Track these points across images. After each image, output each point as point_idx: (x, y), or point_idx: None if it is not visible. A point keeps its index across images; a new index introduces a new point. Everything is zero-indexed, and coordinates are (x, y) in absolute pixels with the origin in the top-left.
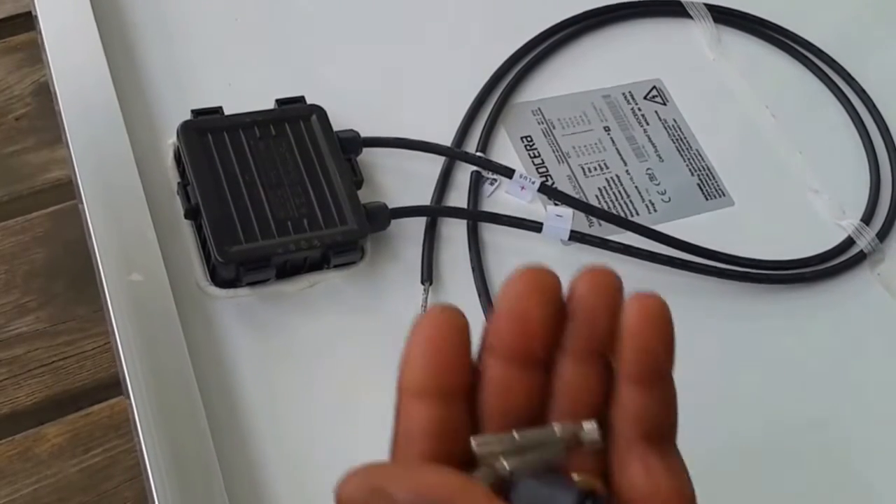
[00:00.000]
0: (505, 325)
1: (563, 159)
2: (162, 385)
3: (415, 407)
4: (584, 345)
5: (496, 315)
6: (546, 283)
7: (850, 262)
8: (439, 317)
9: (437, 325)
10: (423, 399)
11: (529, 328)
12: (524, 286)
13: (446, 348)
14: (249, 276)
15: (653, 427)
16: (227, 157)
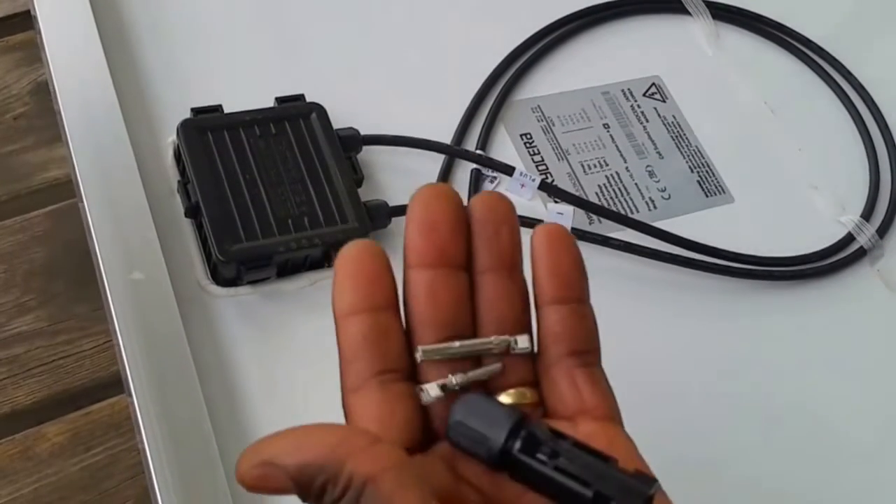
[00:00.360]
0: (417, 236)
1: (563, 156)
2: (164, 384)
3: (349, 324)
4: (493, 259)
5: (408, 230)
6: (446, 193)
7: (850, 259)
8: (357, 246)
9: (356, 252)
10: (355, 316)
11: (439, 232)
12: (427, 197)
13: (367, 269)
14: (250, 274)
15: (576, 345)
16: (227, 155)
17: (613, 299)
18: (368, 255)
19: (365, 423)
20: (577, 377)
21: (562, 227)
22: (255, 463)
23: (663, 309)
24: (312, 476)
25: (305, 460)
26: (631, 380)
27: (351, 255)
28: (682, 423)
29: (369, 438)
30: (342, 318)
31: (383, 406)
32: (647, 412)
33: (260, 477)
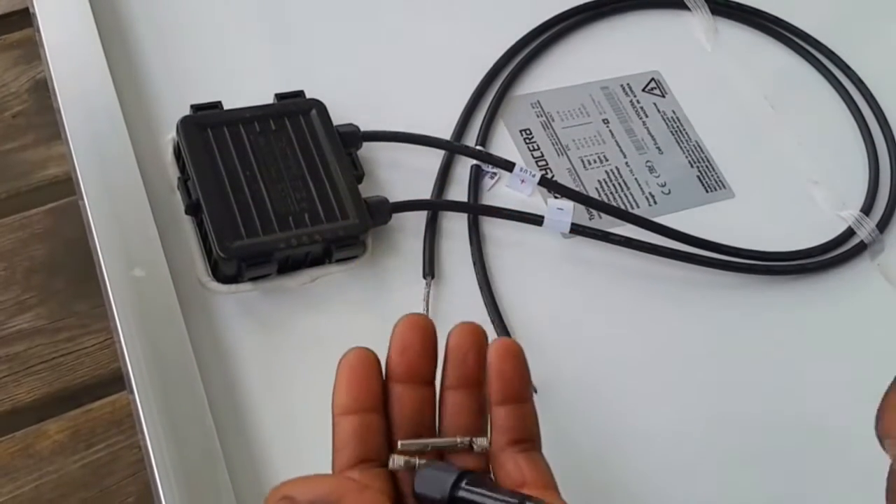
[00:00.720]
0: (394, 357)
1: (563, 152)
2: (165, 380)
3: (343, 422)
4: (458, 379)
5: (389, 351)
6: (422, 324)
7: (851, 253)
8: (355, 355)
9: (353, 362)
10: (347, 415)
11: (411, 357)
12: (406, 327)
13: (359, 376)
14: (251, 271)
15: (518, 436)
16: (227, 151)
17: (613, 295)
18: (362, 363)
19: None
20: (518, 460)
21: (513, 342)
22: (278, 498)
23: (663, 304)
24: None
25: (315, 496)
26: (631, 374)
27: (348, 362)
28: (681, 418)
29: (361, 486)
30: (337, 415)
31: (368, 478)
32: (647, 406)
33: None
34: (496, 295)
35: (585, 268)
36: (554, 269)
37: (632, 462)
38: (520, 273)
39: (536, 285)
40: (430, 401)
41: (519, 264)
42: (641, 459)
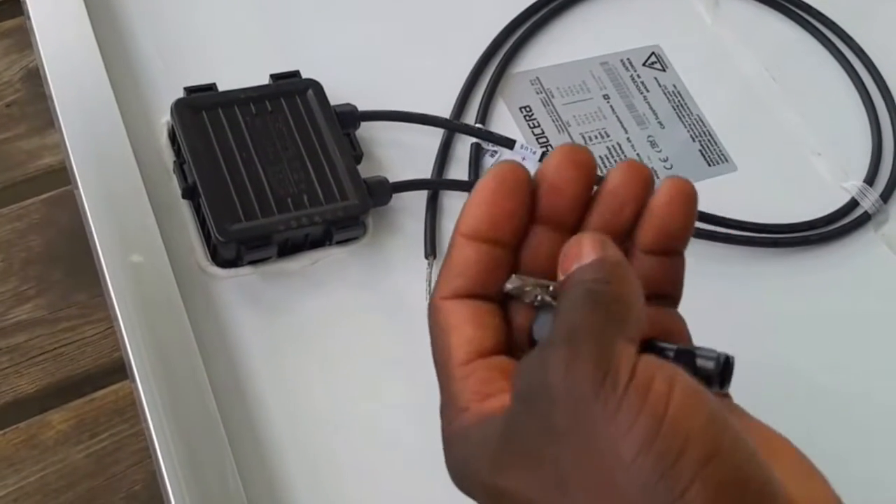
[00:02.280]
0: (545, 197)
1: (564, 128)
2: (167, 367)
3: (465, 247)
4: (603, 225)
5: (538, 179)
6: (582, 158)
7: (855, 224)
8: (505, 171)
9: (500, 180)
10: (472, 241)
11: (564, 202)
12: (564, 162)
13: (501, 202)
14: (251, 254)
15: (662, 291)
16: (222, 134)
17: None
18: (511, 185)
19: (464, 326)
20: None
21: (689, 183)
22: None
23: None
24: None
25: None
26: None
27: (496, 177)
28: None
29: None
30: (463, 236)
31: (480, 315)
32: None
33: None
34: None
35: None
36: None
37: None
38: None
39: None
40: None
41: None
42: None
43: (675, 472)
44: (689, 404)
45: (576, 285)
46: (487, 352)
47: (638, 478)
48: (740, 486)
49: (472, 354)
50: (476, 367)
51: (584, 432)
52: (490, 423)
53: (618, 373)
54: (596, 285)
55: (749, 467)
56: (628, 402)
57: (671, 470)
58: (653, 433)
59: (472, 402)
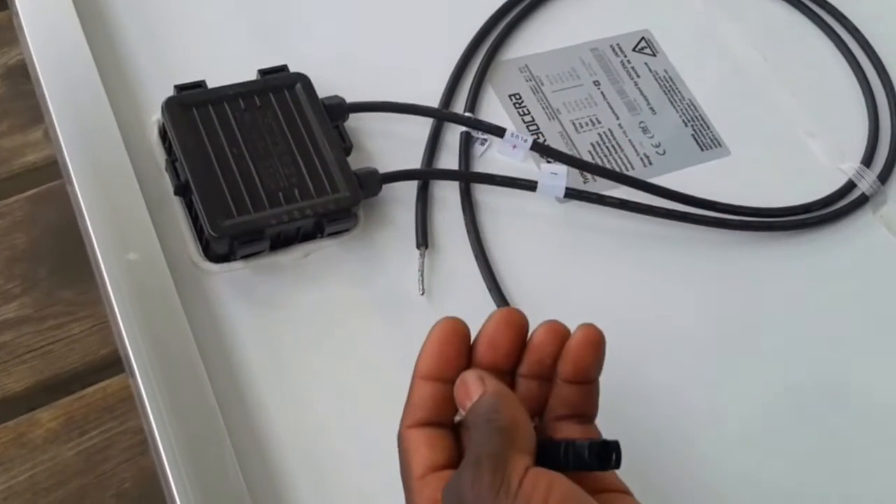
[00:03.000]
0: (482, 350)
1: (554, 116)
2: (166, 362)
3: (421, 386)
4: (532, 373)
5: (477, 340)
6: (516, 321)
7: (852, 206)
8: (448, 324)
9: (446, 330)
10: (427, 381)
11: (499, 355)
12: (499, 322)
13: (449, 349)
14: (243, 249)
15: (579, 411)
16: (213, 130)
17: (611, 258)
18: (453, 336)
19: (420, 448)
20: (576, 432)
21: (595, 331)
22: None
23: (662, 265)
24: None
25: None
26: (631, 336)
27: (440, 331)
28: (682, 377)
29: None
30: (419, 378)
31: (434, 439)
32: (648, 367)
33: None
34: (492, 263)
35: (581, 232)
36: (550, 234)
37: (634, 423)
38: (515, 240)
39: (532, 252)
40: (508, 386)
41: (514, 231)
42: (644, 420)
43: None
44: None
45: (476, 419)
46: (440, 467)
47: None
48: None
49: (427, 469)
50: (430, 479)
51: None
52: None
53: (510, 483)
54: (490, 415)
55: None
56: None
57: None
58: None
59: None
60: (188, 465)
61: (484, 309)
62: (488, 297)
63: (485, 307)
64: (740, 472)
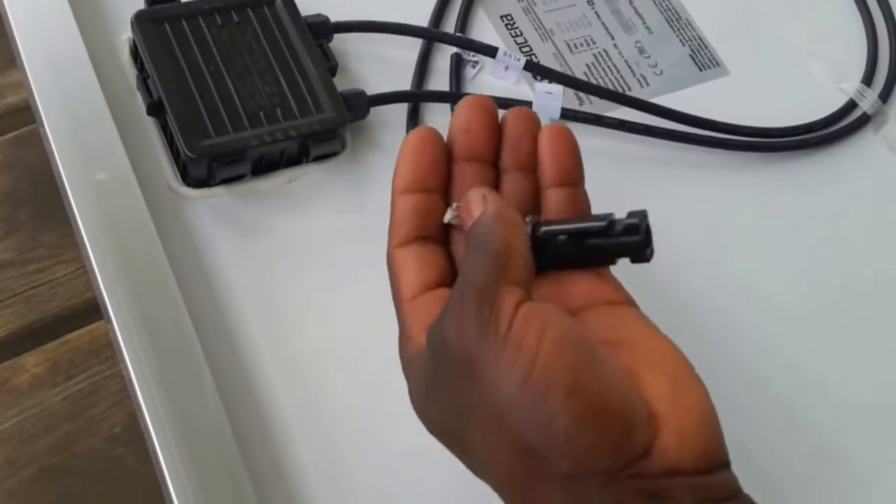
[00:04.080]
0: (458, 135)
1: (547, 36)
2: (139, 290)
3: (402, 200)
4: (513, 162)
5: (451, 132)
6: (485, 104)
7: (854, 126)
8: (418, 134)
9: (417, 139)
10: (406, 195)
11: (475, 135)
12: (469, 106)
13: (423, 157)
14: (223, 171)
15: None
16: (187, 47)
17: (610, 181)
18: (426, 141)
19: (409, 267)
20: None
21: (563, 127)
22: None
23: (662, 187)
24: None
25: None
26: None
27: (411, 140)
28: (682, 300)
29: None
30: (398, 193)
31: (423, 256)
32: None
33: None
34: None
35: None
36: None
37: None
38: None
39: None
40: (493, 181)
41: None
42: None
43: (544, 405)
44: (554, 351)
45: (471, 238)
46: (432, 285)
47: (517, 411)
48: (597, 410)
49: (417, 289)
50: (422, 300)
51: (475, 375)
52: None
53: (497, 324)
54: (482, 238)
55: (608, 393)
56: (506, 352)
57: (541, 404)
58: (525, 377)
59: (418, 333)
60: (166, 404)
61: None
62: None
63: None
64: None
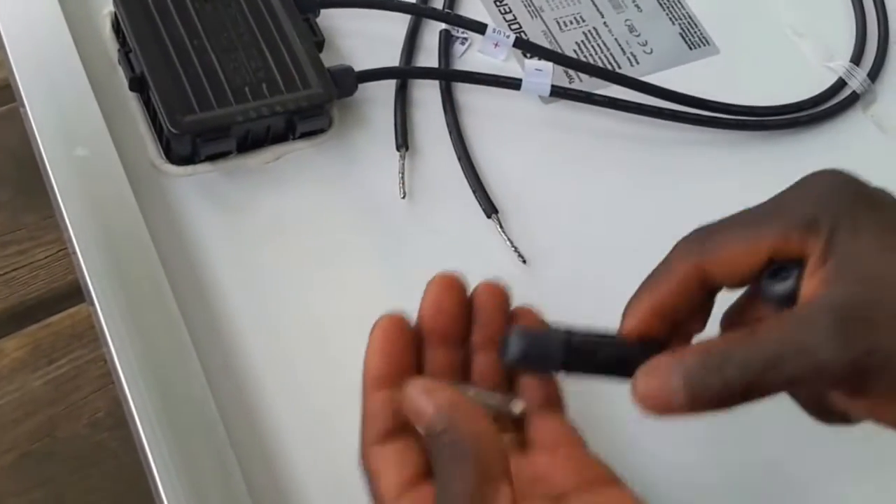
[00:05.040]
0: (428, 321)
1: (537, 14)
2: (122, 268)
3: (374, 396)
4: (485, 339)
5: (421, 311)
6: (454, 283)
7: (843, 105)
8: (388, 321)
9: (386, 328)
10: (377, 390)
11: (445, 320)
12: (438, 288)
13: (394, 348)
14: (207, 147)
15: (546, 400)
16: (170, 20)
17: (599, 159)
18: (397, 331)
19: (387, 467)
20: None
21: (530, 309)
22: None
23: (652, 165)
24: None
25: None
26: (621, 238)
27: (381, 329)
28: None
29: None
30: (371, 387)
31: (399, 452)
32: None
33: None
34: (476, 165)
35: (568, 133)
36: (535, 135)
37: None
38: (499, 141)
39: (517, 153)
40: (464, 362)
41: (498, 132)
42: None
43: None
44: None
45: (434, 444)
46: (413, 482)
47: None
48: None
49: (400, 489)
50: (405, 501)
51: None
52: None
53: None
54: (448, 439)
55: None
56: None
57: None
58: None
59: None
60: (151, 388)
61: (469, 213)
62: (472, 200)
63: (470, 210)
64: None
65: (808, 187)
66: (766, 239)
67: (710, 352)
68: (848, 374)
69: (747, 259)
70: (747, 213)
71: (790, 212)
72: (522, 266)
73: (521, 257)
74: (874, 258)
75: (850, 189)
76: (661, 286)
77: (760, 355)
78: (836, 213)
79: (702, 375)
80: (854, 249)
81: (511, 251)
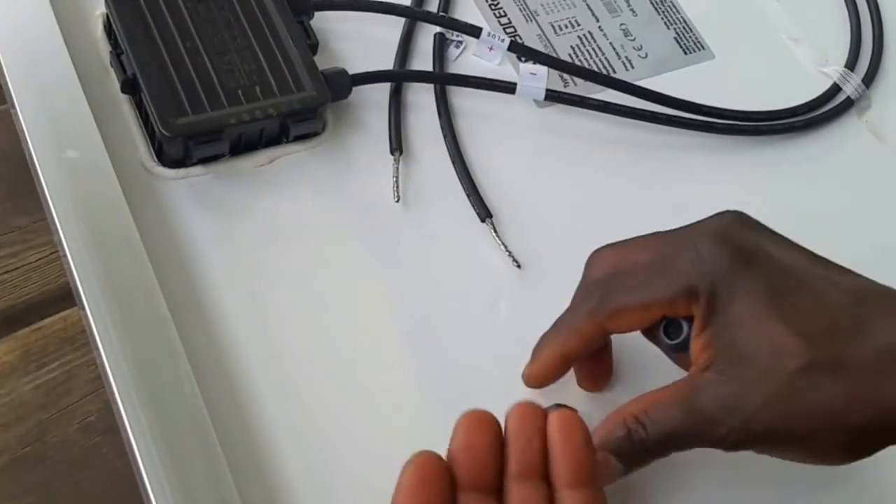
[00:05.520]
0: (461, 463)
1: (532, 18)
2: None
3: None
4: (522, 467)
5: (451, 454)
6: (487, 420)
7: (838, 110)
8: (420, 463)
9: (418, 471)
10: None
11: (479, 457)
12: (469, 426)
13: (425, 488)
14: (200, 150)
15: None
16: (163, 22)
17: (594, 163)
18: (431, 474)
19: None
20: None
21: (571, 414)
22: None
23: (647, 170)
24: None
25: None
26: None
27: (414, 470)
28: None
29: None
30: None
31: None
32: None
33: None
34: (470, 169)
35: (563, 137)
36: (530, 139)
37: None
38: (494, 146)
39: (512, 158)
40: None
41: (492, 136)
42: None
43: None
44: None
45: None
46: None
47: None
48: None
49: None
50: None
51: None
52: None
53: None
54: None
55: None
56: None
57: None
58: None
59: None
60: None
61: (463, 217)
62: (467, 204)
63: (464, 215)
64: None
65: (698, 242)
66: (657, 305)
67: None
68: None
69: (642, 320)
70: (644, 273)
71: (676, 276)
72: (517, 270)
73: (516, 261)
74: (744, 330)
75: (727, 249)
76: (567, 340)
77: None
78: (713, 280)
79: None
80: (728, 320)
81: (505, 255)
